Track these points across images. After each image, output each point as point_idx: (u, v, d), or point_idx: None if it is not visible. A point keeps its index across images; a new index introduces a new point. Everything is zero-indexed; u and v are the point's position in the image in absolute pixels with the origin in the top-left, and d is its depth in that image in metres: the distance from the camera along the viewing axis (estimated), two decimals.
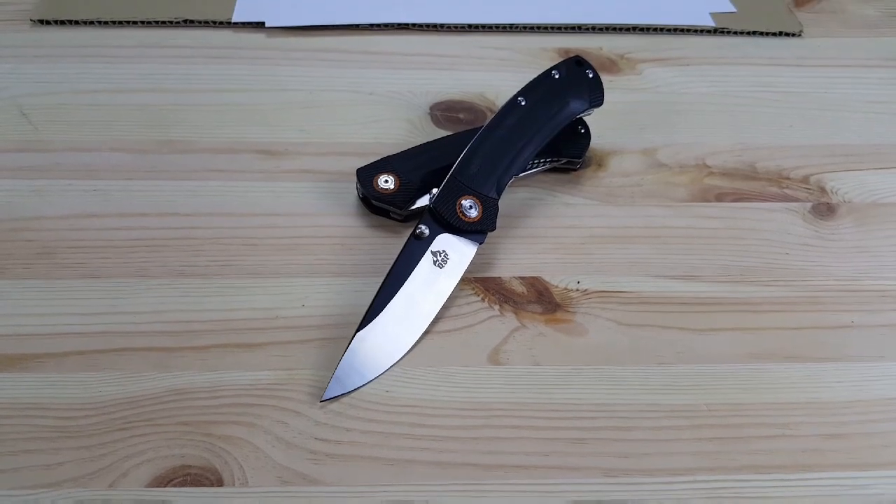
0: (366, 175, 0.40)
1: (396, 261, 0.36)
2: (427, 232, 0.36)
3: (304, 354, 0.34)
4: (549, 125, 0.40)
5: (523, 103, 0.40)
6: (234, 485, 0.30)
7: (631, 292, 0.38)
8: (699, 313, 0.37)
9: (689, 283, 0.38)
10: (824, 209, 0.43)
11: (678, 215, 0.42)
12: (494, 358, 0.35)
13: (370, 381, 0.33)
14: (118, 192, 0.41)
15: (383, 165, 0.40)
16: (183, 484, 0.30)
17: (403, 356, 0.35)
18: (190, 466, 0.30)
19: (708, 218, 0.42)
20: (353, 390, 0.33)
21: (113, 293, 0.36)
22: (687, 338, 0.36)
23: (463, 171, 0.38)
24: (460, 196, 0.37)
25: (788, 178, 0.45)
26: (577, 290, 0.38)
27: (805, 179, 0.45)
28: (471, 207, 0.37)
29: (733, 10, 0.57)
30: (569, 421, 0.33)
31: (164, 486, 0.30)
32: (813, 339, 0.36)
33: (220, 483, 0.30)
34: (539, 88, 0.41)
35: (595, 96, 0.42)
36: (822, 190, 0.44)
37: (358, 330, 0.34)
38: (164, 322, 0.35)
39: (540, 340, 0.36)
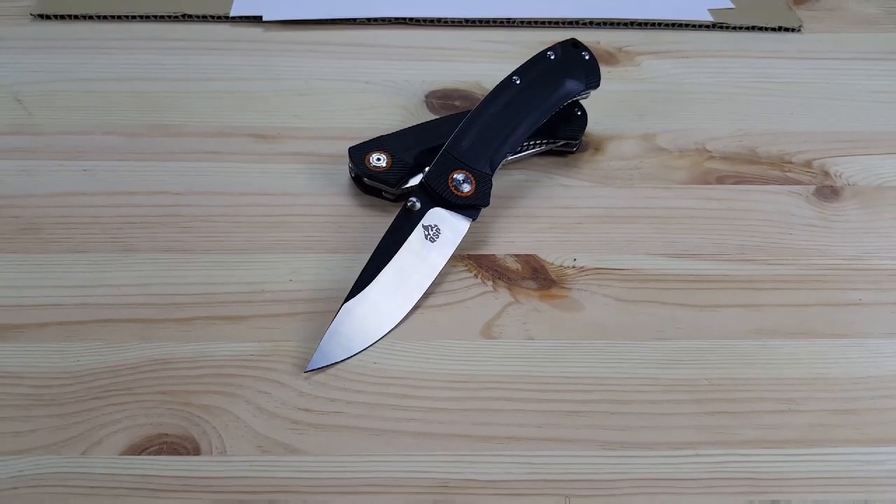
0: (358, 153, 0.39)
1: (387, 234, 0.35)
2: (418, 205, 0.36)
3: (289, 327, 0.33)
4: (544, 104, 0.40)
5: (518, 82, 0.39)
6: (211, 453, 0.29)
7: (629, 269, 0.37)
8: (700, 290, 0.36)
9: (690, 261, 0.37)
10: (828, 192, 0.42)
11: (678, 196, 0.41)
12: (487, 332, 0.34)
13: (357, 354, 0.32)
14: (107, 173, 0.41)
15: (376, 144, 0.40)
16: (159, 452, 0.29)
17: (392, 329, 0.33)
18: (166, 435, 0.29)
19: (708, 199, 0.41)
20: (338, 362, 0.32)
21: (97, 266, 0.35)
22: (688, 314, 0.35)
23: (456, 146, 0.37)
24: (453, 170, 0.36)
25: (790, 163, 0.44)
26: (573, 266, 0.37)
27: (808, 164, 0.44)
28: (464, 181, 0.36)
29: (731, 6, 0.57)
30: (563, 394, 0.31)
31: (139, 454, 0.28)
32: (820, 316, 0.35)
33: (197, 451, 0.29)
34: (534, 68, 0.40)
35: (591, 78, 0.41)
36: (826, 174, 0.43)
37: (345, 301, 0.33)
38: (149, 294, 0.34)
39: (534, 315, 0.34)
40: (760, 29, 0.55)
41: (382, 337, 0.33)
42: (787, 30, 0.55)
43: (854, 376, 0.33)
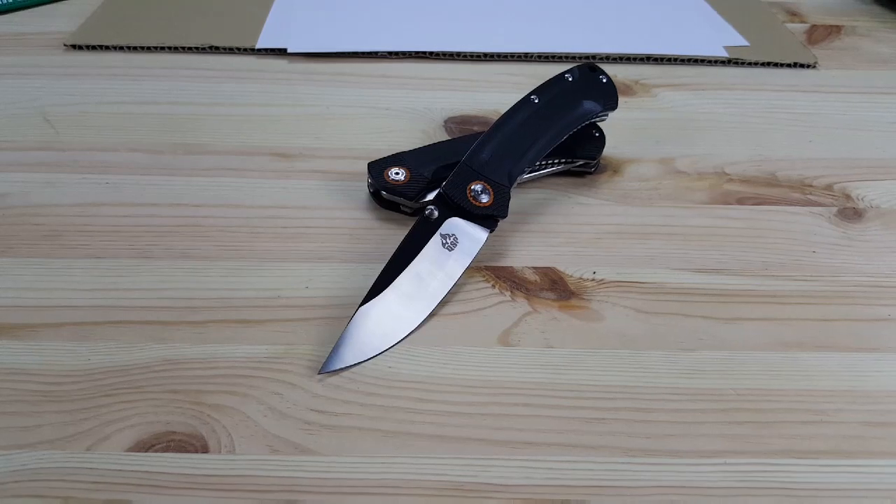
0: (376, 167, 0.40)
1: (403, 241, 0.35)
2: (436, 214, 0.35)
3: (304, 331, 0.33)
4: (561, 122, 0.40)
5: (536, 101, 0.40)
6: (220, 452, 0.28)
7: (650, 283, 0.36)
8: (723, 304, 0.35)
9: (712, 276, 0.37)
10: (851, 213, 0.41)
11: (698, 215, 0.41)
12: (504, 340, 0.33)
13: (372, 358, 0.32)
14: (130, 186, 0.41)
15: (394, 160, 0.40)
16: (166, 449, 0.28)
17: (408, 335, 0.33)
18: (174, 433, 0.28)
19: (729, 218, 0.40)
20: (353, 365, 0.31)
21: (114, 271, 0.35)
22: (711, 326, 0.34)
23: (474, 158, 0.37)
24: (471, 181, 0.36)
25: (811, 186, 0.43)
26: (593, 279, 0.36)
27: (829, 187, 0.43)
28: (482, 192, 0.36)
29: (746, 44, 0.58)
30: (585, 401, 0.30)
31: (146, 451, 0.28)
32: (847, 330, 0.34)
33: (205, 450, 0.28)
34: (552, 88, 0.41)
35: (609, 100, 0.42)
36: (848, 196, 0.43)
37: (361, 305, 0.33)
38: (164, 298, 0.34)
39: (553, 324, 0.34)
40: (776, 65, 0.56)
41: (398, 342, 0.32)
42: (802, 66, 0.56)
43: (887, 389, 0.31)
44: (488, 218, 0.36)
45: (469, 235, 0.36)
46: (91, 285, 0.35)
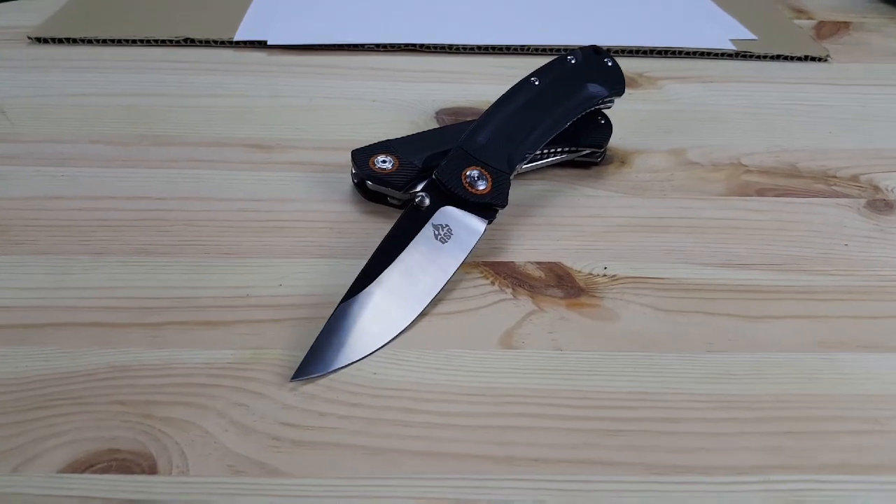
0: (361, 155, 0.36)
1: (391, 232, 0.31)
2: (428, 202, 0.32)
3: (275, 333, 0.28)
4: (564, 106, 0.36)
5: (537, 83, 0.36)
6: (170, 473, 0.23)
7: (668, 279, 0.32)
8: (751, 300, 0.31)
9: (737, 271, 0.33)
10: (882, 205, 0.38)
11: (717, 207, 0.37)
12: (507, 341, 0.29)
13: (354, 363, 0.27)
14: (89, 178, 0.37)
15: (382, 147, 0.36)
16: (106, 470, 0.23)
17: (395, 337, 0.29)
18: (118, 451, 0.24)
19: (750, 210, 0.37)
20: (331, 371, 0.27)
21: (62, 269, 0.31)
22: (740, 325, 0.30)
23: (471, 142, 0.33)
24: (467, 166, 0.33)
25: (836, 177, 0.40)
26: (604, 275, 0.32)
27: (855, 178, 0.40)
28: (479, 178, 0.32)
29: (754, 37, 0.55)
30: (601, 410, 0.26)
31: (82, 472, 0.23)
32: (891, 328, 0.30)
33: (153, 470, 0.23)
34: (553, 71, 0.37)
35: (616, 84, 0.38)
36: (876, 188, 0.39)
37: (342, 302, 0.28)
38: (117, 298, 0.30)
39: (561, 324, 0.29)
40: (786, 58, 0.53)
41: (385, 345, 0.28)
42: (813, 59, 0.53)
43: None
44: (486, 207, 0.32)
45: (465, 226, 0.32)
46: (34, 284, 0.30)
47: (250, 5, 0.56)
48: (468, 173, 0.32)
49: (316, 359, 0.27)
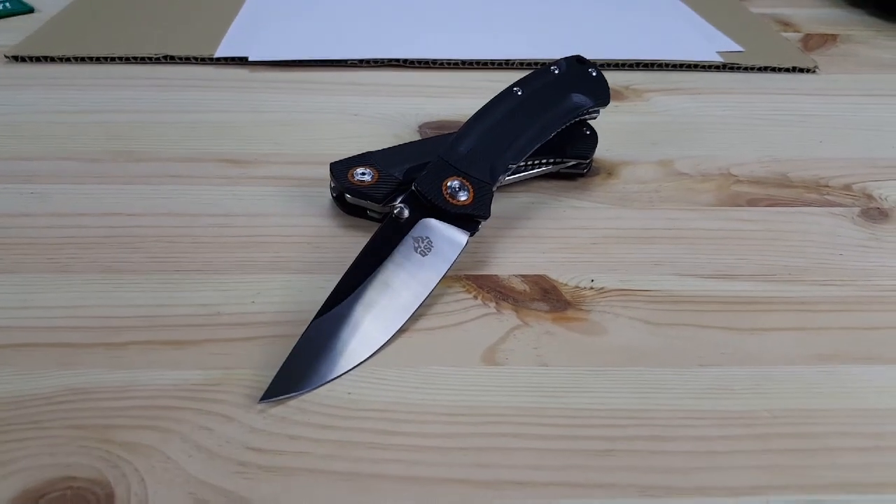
0: (340, 168, 0.35)
1: (368, 245, 0.30)
2: (407, 213, 0.30)
3: (246, 353, 0.27)
4: (548, 115, 0.35)
5: (519, 93, 0.35)
6: (128, 502, 0.22)
7: (657, 291, 0.31)
8: (745, 312, 0.30)
9: (728, 282, 0.31)
10: (876, 213, 0.37)
11: (706, 217, 0.36)
12: (490, 358, 0.27)
13: (327, 382, 0.26)
14: (58, 196, 0.36)
15: (361, 160, 0.35)
16: (60, 500, 0.22)
17: (372, 355, 0.27)
18: (74, 478, 0.22)
19: (741, 220, 0.36)
20: (303, 391, 0.25)
21: (25, 288, 0.30)
22: (733, 338, 0.29)
23: (452, 152, 0.32)
24: (447, 177, 0.31)
25: (828, 186, 0.39)
26: (591, 288, 0.31)
27: (847, 187, 0.39)
28: (460, 189, 0.31)
29: (741, 49, 0.54)
30: (590, 430, 0.25)
31: (35, 501, 0.22)
32: (891, 339, 0.29)
33: (109, 499, 0.22)
34: (537, 80, 0.36)
35: (600, 95, 0.37)
36: (870, 197, 0.38)
37: (315, 318, 0.27)
38: (80, 317, 0.28)
39: (547, 339, 0.28)
40: (773, 70, 0.52)
41: (361, 363, 0.27)
42: (801, 70, 0.52)
43: None
44: (467, 218, 0.31)
45: (446, 239, 0.30)
46: None
47: (232, 22, 0.55)
48: (449, 184, 0.31)
49: (286, 379, 0.25)
